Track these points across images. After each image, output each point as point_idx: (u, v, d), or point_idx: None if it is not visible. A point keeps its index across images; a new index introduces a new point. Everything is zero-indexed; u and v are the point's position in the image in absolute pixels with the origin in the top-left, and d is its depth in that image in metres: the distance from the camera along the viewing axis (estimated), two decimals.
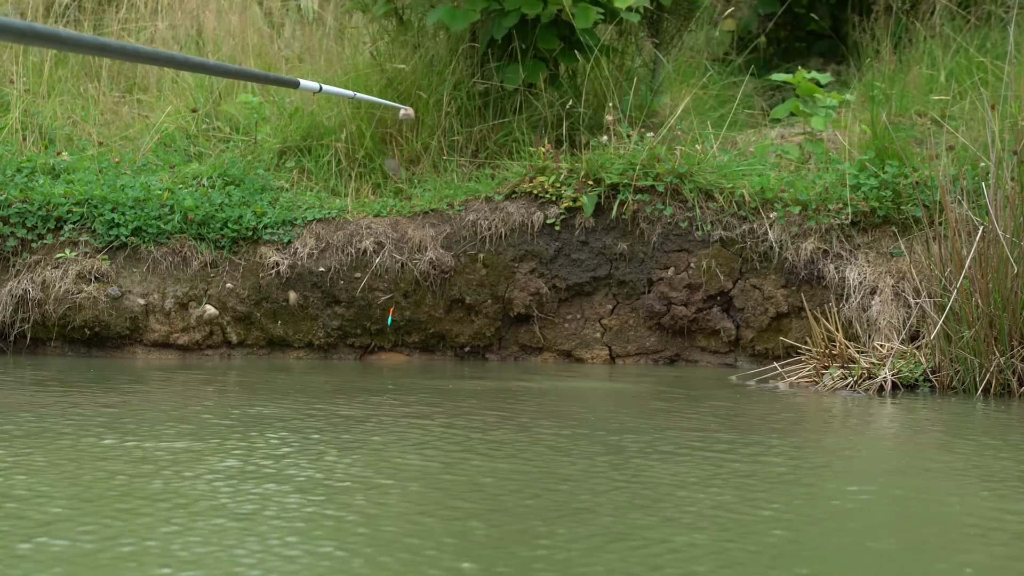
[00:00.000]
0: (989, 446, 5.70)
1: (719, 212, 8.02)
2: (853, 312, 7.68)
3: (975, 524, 4.39)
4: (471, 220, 8.10)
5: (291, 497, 4.52)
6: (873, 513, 4.55)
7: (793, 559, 3.94)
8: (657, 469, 5.05)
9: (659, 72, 9.07)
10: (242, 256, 8.06)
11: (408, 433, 5.71)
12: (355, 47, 9.32)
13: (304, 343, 8.08)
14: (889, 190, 7.85)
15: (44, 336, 8.03)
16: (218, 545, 3.94)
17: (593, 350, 8.09)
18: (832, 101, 8.30)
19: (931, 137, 8.36)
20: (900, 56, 9.48)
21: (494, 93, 8.56)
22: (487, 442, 5.51)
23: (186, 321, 8.02)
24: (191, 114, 8.95)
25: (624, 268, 8.06)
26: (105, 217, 8.02)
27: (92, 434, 5.49)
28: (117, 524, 4.14)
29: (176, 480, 4.71)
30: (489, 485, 4.76)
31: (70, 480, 4.70)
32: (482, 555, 3.92)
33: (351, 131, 8.50)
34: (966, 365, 7.05)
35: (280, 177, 8.45)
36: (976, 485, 4.96)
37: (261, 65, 9.57)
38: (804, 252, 7.86)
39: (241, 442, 5.39)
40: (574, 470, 5.03)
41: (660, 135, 8.22)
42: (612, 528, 4.21)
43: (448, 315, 8.09)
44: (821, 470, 5.24)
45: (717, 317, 7.99)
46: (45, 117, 8.84)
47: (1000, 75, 8.51)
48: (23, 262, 7.99)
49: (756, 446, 5.54)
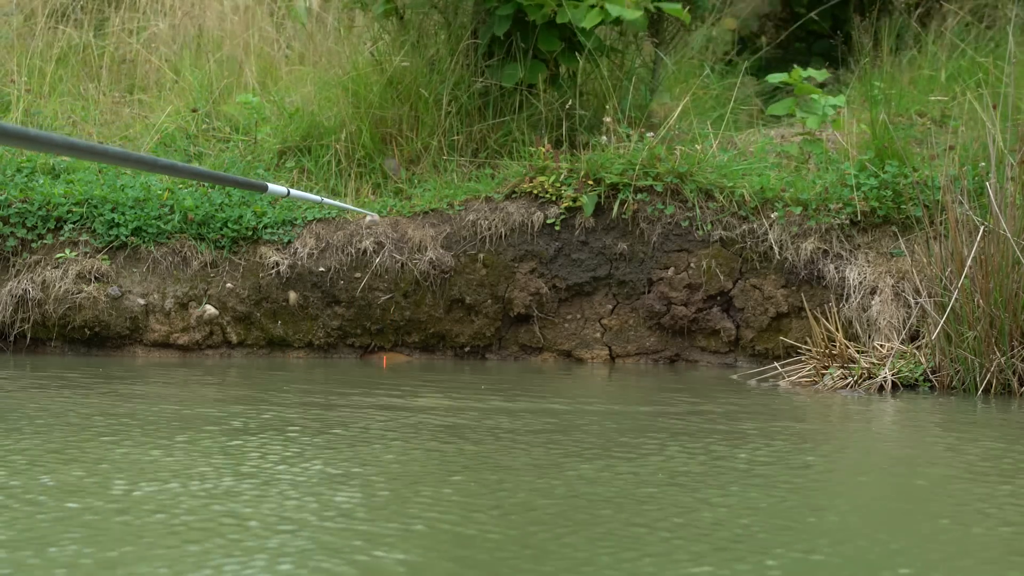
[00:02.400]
0: (990, 446, 5.70)
1: (719, 212, 8.02)
2: (853, 312, 7.68)
3: (975, 521, 4.39)
4: (471, 220, 8.10)
5: (292, 495, 4.52)
6: (874, 512, 4.55)
7: (795, 558, 3.94)
8: (654, 469, 5.05)
9: (659, 72, 9.07)
10: (242, 256, 8.06)
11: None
12: (355, 47, 9.32)
13: (304, 343, 8.08)
14: (889, 190, 7.84)
15: (44, 336, 8.03)
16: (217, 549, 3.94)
17: (593, 350, 8.09)
18: (830, 101, 8.30)
19: (932, 137, 8.36)
20: (901, 56, 9.48)
21: (494, 93, 8.55)
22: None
23: (186, 321, 8.02)
24: (191, 114, 8.95)
25: (624, 268, 8.06)
26: (105, 217, 8.02)
27: (91, 433, 5.49)
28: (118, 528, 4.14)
29: (177, 479, 4.71)
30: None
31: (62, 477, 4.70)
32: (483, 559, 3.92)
33: (351, 131, 8.50)
34: (966, 365, 7.05)
35: (280, 177, 8.45)
36: (977, 484, 4.96)
37: (261, 65, 9.56)
38: (804, 252, 7.86)
39: (241, 443, 5.38)
40: (586, 469, 5.03)
41: (660, 135, 8.22)
42: (617, 532, 4.21)
43: (448, 315, 8.09)
44: (821, 469, 5.24)
45: (717, 317, 7.99)
46: (46, 117, 8.84)
47: (1000, 75, 8.51)
48: (23, 262, 7.99)
49: (756, 446, 5.54)
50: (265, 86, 9.36)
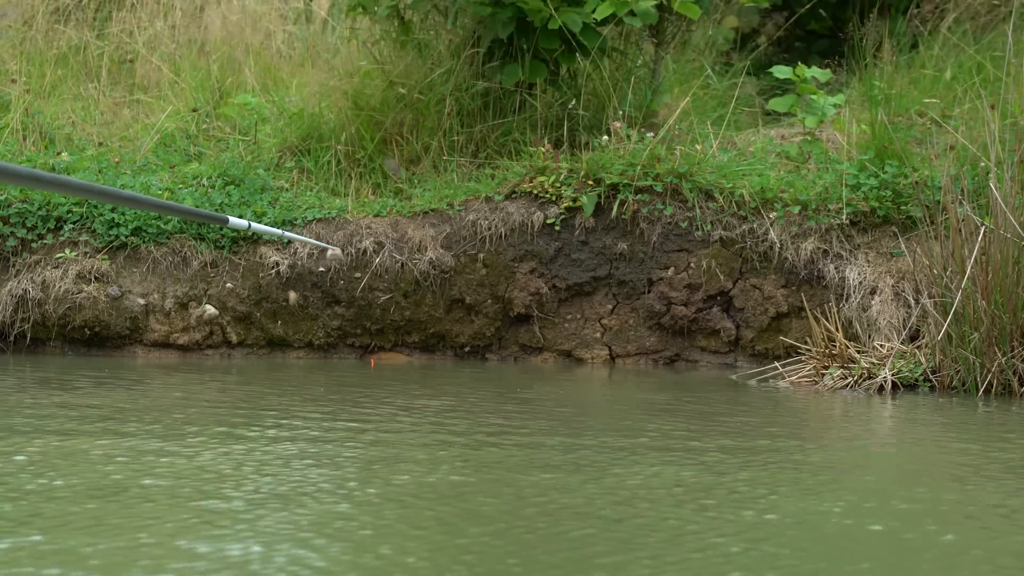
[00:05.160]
0: (992, 445, 5.70)
1: (719, 212, 8.01)
2: (853, 312, 7.68)
3: (976, 517, 4.39)
4: (471, 220, 8.10)
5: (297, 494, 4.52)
6: (874, 512, 4.55)
7: (796, 560, 3.94)
8: (654, 469, 5.05)
9: (659, 72, 9.07)
10: (242, 256, 8.06)
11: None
12: (356, 47, 9.31)
13: (304, 343, 8.08)
14: (889, 190, 7.84)
15: (44, 336, 8.03)
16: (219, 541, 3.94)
17: (593, 350, 8.09)
18: (830, 100, 8.30)
19: (933, 137, 8.36)
20: (901, 56, 9.47)
21: (494, 93, 8.55)
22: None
23: (186, 321, 8.02)
24: (191, 114, 8.95)
25: (624, 268, 8.05)
26: (105, 217, 8.02)
27: (92, 433, 5.49)
28: (115, 522, 4.14)
29: (175, 480, 4.71)
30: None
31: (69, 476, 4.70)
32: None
33: (351, 132, 8.50)
34: (967, 365, 7.04)
35: (280, 177, 8.45)
36: (977, 483, 4.96)
37: (261, 67, 9.56)
38: (804, 252, 7.86)
39: (241, 440, 5.38)
40: (587, 469, 5.03)
41: (660, 135, 8.21)
42: (612, 535, 4.21)
43: (448, 315, 8.09)
44: (821, 469, 5.24)
45: (717, 317, 7.98)
46: (46, 117, 8.84)
47: (999, 76, 8.51)
48: (23, 262, 7.99)
49: (756, 445, 5.54)
50: (265, 87, 9.35)
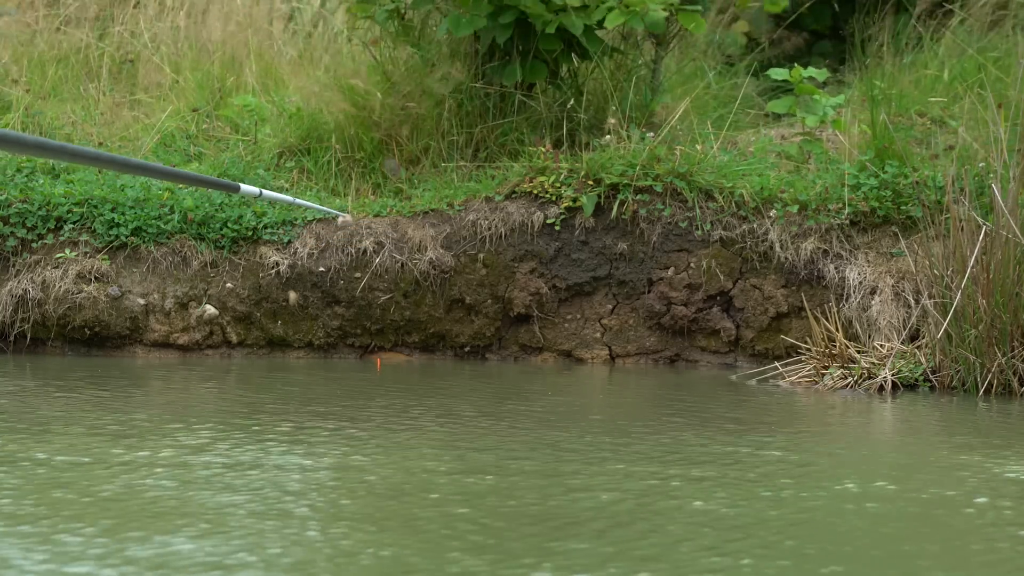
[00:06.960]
0: (993, 445, 5.70)
1: (719, 212, 8.01)
2: (853, 312, 7.67)
3: (976, 516, 4.39)
4: (471, 220, 8.10)
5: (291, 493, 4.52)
6: (874, 512, 4.55)
7: (795, 559, 3.94)
8: (653, 470, 5.04)
9: (659, 73, 9.06)
10: (242, 256, 8.05)
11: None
12: (356, 47, 9.31)
13: (304, 343, 8.08)
14: (889, 190, 7.84)
15: (44, 336, 8.03)
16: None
17: (593, 350, 8.09)
18: (831, 100, 8.29)
19: (934, 136, 8.35)
20: (901, 56, 9.46)
21: (494, 93, 8.55)
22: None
23: (186, 321, 8.02)
24: (191, 114, 8.95)
25: (624, 268, 8.05)
26: (105, 217, 8.02)
27: (91, 432, 5.49)
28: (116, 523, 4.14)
29: (175, 479, 4.71)
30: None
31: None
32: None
33: (350, 132, 8.49)
34: (967, 365, 7.04)
35: (280, 177, 8.44)
36: (976, 482, 4.96)
37: (262, 66, 9.56)
38: (804, 252, 7.86)
39: (241, 440, 5.38)
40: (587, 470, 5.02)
41: (660, 135, 8.21)
42: (606, 534, 4.21)
43: (448, 315, 8.08)
44: (823, 469, 5.24)
45: (717, 317, 7.98)
46: (46, 117, 8.84)
47: (1002, 76, 8.50)
48: (23, 262, 7.99)
49: (756, 444, 5.53)
50: (266, 87, 9.35)
